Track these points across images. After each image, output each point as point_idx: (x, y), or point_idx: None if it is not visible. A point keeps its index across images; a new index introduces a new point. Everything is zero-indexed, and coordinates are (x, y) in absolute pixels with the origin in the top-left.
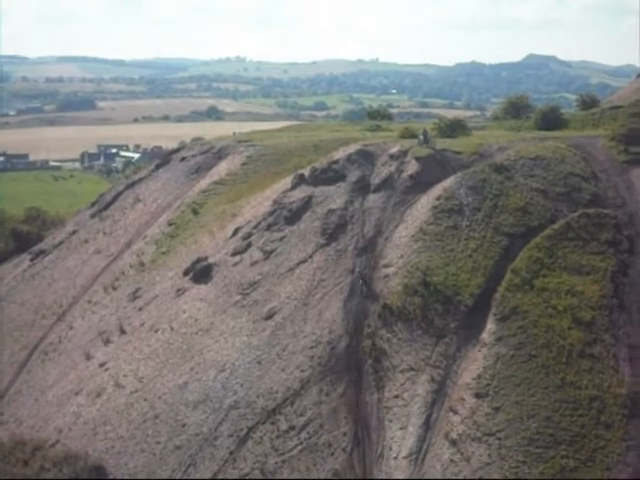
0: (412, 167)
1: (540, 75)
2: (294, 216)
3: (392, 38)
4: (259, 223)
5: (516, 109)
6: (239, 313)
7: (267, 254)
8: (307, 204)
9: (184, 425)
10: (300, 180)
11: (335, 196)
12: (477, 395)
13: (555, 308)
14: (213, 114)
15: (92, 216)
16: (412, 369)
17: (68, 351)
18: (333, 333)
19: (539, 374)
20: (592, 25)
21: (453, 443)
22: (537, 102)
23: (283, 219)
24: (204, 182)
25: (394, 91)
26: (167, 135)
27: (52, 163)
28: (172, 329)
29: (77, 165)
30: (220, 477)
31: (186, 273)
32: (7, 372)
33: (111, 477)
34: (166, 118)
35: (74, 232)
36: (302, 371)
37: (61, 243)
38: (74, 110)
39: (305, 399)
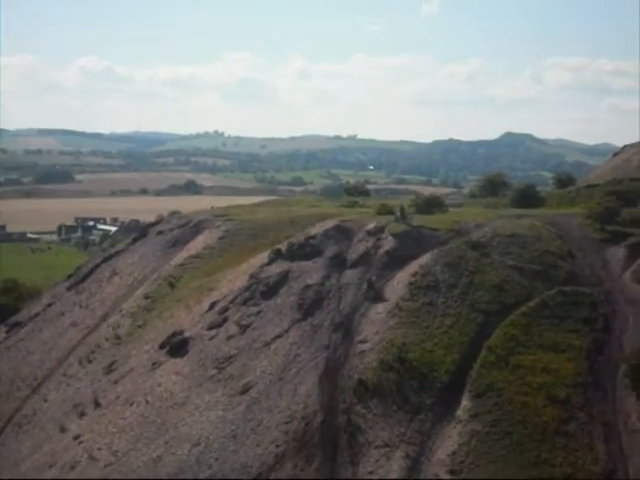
0: (389, 243)
1: (516, 153)
2: (270, 291)
3: (370, 114)
4: (235, 297)
5: (493, 187)
6: (214, 387)
7: (243, 328)
8: (284, 279)
9: None
10: (277, 255)
11: (312, 271)
12: (452, 472)
13: (530, 385)
14: (191, 188)
15: (68, 289)
16: (387, 445)
17: (42, 423)
18: (308, 408)
19: (514, 451)
20: (569, 104)
21: None
22: (514, 180)
23: (259, 294)
24: (181, 256)
25: (371, 167)
26: (145, 209)
27: (29, 235)
28: (147, 402)
29: (54, 237)
30: None
31: (162, 347)
32: None
33: None
34: (144, 192)
35: (50, 304)
36: (277, 446)
37: (37, 315)
38: (52, 183)
39: (280, 474)
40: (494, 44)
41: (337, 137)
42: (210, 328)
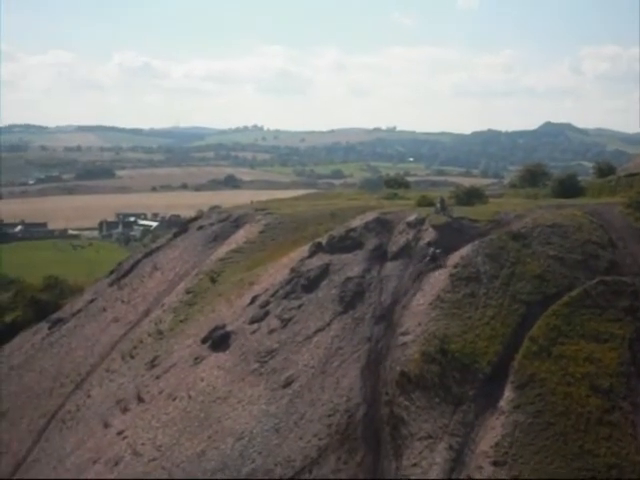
0: (429, 235)
1: (556, 143)
2: (311, 284)
3: (409, 106)
4: (277, 291)
5: (533, 177)
6: (257, 381)
7: (285, 322)
8: (324, 272)
9: None
10: (317, 248)
11: (352, 264)
12: (495, 463)
13: (573, 376)
14: (231, 183)
15: (110, 284)
16: (430, 437)
17: (86, 419)
18: (351, 401)
19: (557, 442)
20: (607, 93)
21: None
22: (554, 170)
23: (300, 287)
24: (222, 250)
25: (411, 159)
26: (185, 204)
27: (70, 232)
28: (190, 397)
29: (95, 234)
30: None
31: (204, 341)
32: (26, 440)
33: None
34: (184, 187)
35: (92, 300)
36: (320, 439)
37: (79, 311)
38: (92, 179)
39: (323, 467)
40: (528, 35)
41: (376, 129)
42: (252, 322)
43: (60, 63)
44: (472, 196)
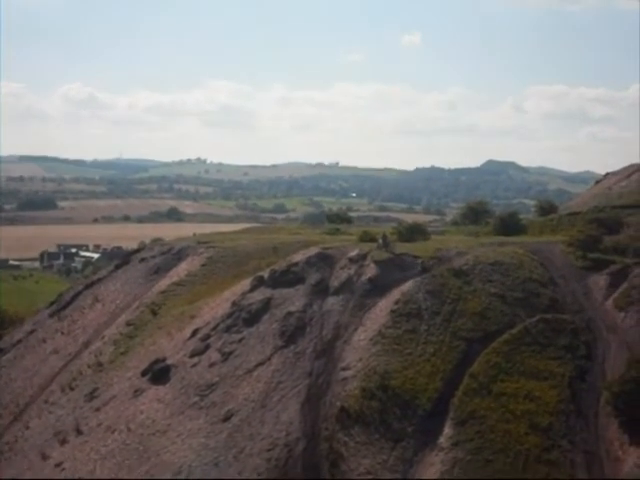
0: (371, 270)
1: (499, 180)
2: (253, 318)
3: (352, 142)
4: (218, 325)
5: (475, 214)
6: (197, 414)
7: (225, 356)
8: (266, 306)
9: None
10: (259, 282)
11: (294, 299)
12: None
13: (513, 413)
14: (173, 215)
15: (51, 315)
16: (369, 472)
17: (24, 451)
18: (290, 435)
19: (496, 479)
20: (550, 132)
21: None
22: (496, 207)
23: (242, 321)
24: (163, 283)
25: (354, 195)
26: (127, 235)
27: (11, 262)
28: (129, 430)
29: (36, 264)
30: None
31: (144, 374)
32: None
33: None
34: (126, 218)
35: (32, 331)
36: (259, 474)
37: (19, 342)
38: (34, 209)
39: None
40: (474, 73)
41: (319, 164)
42: (192, 355)
43: (4, 93)
44: (414, 232)
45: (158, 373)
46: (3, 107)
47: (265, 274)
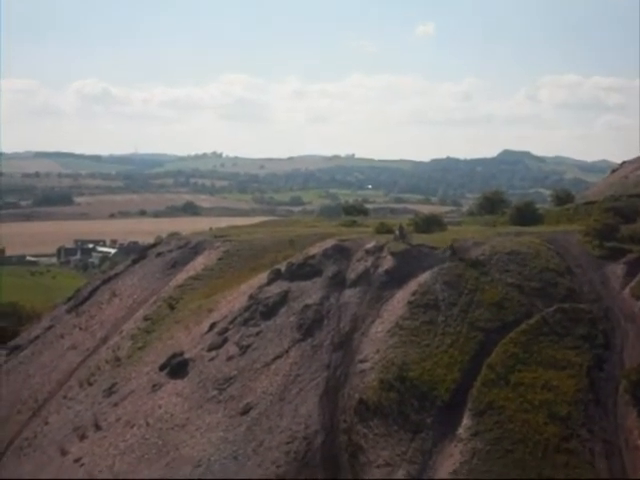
0: (388, 262)
1: (515, 170)
2: (270, 311)
3: (368, 134)
4: (235, 318)
5: (491, 204)
6: (215, 408)
7: (243, 349)
8: (283, 299)
9: None
10: (276, 275)
11: (311, 291)
12: None
13: (531, 403)
14: (190, 209)
15: (68, 311)
16: (388, 464)
17: (43, 447)
18: (309, 428)
19: (515, 469)
20: (566, 121)
21: None
22: (512, 197)
23: (259, 314)
24: (180, 277)
25: (370, 187)
26: (144, 230)
27: (28, 258)
28: (148, 424)
29: (54, 260)
30: None
31: (162, 368)
32: None
33: None
34: (143, 213)
35: (50, 327)
36: (278, 467)
37: (37, 338)
38: (51, 205)
39: None
40: (488, 63)
41: (335, 157)
42: (210, 349)
43: (18, 89)
44: (431, 223)
45: (176, 367)
46: (18, 104)
47: (282, 267)
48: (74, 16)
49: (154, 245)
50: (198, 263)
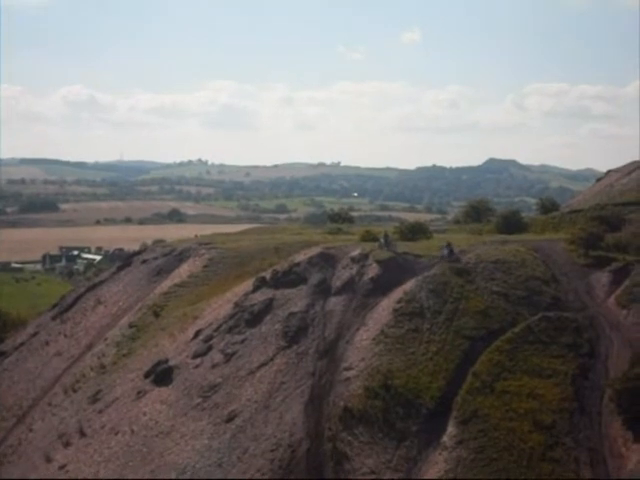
0: (373, 270)
1: (500, 179)
2: (255, 319)
3: (354, 141)
4: (220, 325)
5: (477, 213)
6: (200, 416)
7: (228, 357)
8: (268, 307)
9: None
10: (261, 283)
11: (296, 299)
12: None
13: (516, 411)
14: (175, 217)
15: (53, 318)
16: (373, 472)
17: (28, 453)
18: (294, 436)
19: (500, 477)
20: (552, 130)
21: None
22: (497, 206)
23: (244, 322)
24: (165, 284)
25: (355, 194)
26: (129, 237)
27: (13, 265)
28: (132, 431)
29: (39, 267)
30: None
31: (147, 375)
32: None
33: None
34: (128, 220)
35: (35, 334)
36: (263, 474)
37: (22, 345)
38: (36, 212)
39: None
40: (475, 71)
41: (320, 164)
42: (195, 356)
43: (3, 96)
44: (416, 231)
45: (161, 375)
46: (3, 110)
47: (267, 275)
48: (60, 22)
49: (139, 252)
50: (183, 270)
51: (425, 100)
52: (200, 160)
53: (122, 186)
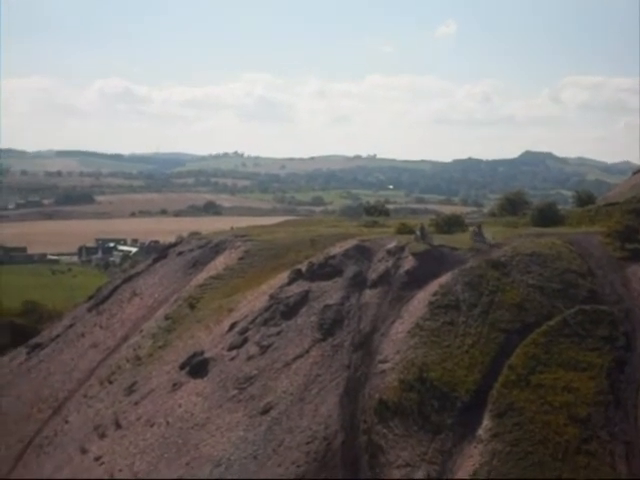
0: (409, 263)
1: (536, 171)
2: (291, 311)
3: (389, 134)
4: (256, 318)
5: (513, 205)
6: (235, 408)
7: (263, 349)
8: (304, 299)
9: None
10: (297, 275)
11: (332, 291)
12: None
13: (551, 404)
14: (211, 209)
15: (89, 310)
16: (408, 465)
17: (63, 445)
18: (329, 428)
19: (535, 471)
20: (588, 123)
21: None
22: (533, 198)
23: (280, 314)
24: (201, 276)
25: (391, 187)
26: (165, 230)
27: (50, 257)
28: (168, 423)
29: (75, 259)
30: None
31: (182, 367)
32: (3, 465)
33: None
34: (164, 212)
35: (71, 326)
36: (298, 466)
37: (58, 337)
38: (72, 204)
39: None
40: (509, 64)
41: (356, 157)
42: (230, 349)
43: (40, 88)
44: (452, 224)
45: (196, 367)
46: (40, 102)
47: (303, 267)
48: (96, 14)
49: (175, 244)
50: (219, 262)
51: (459, 93)
52: (236, 152)
53: (158, 178)
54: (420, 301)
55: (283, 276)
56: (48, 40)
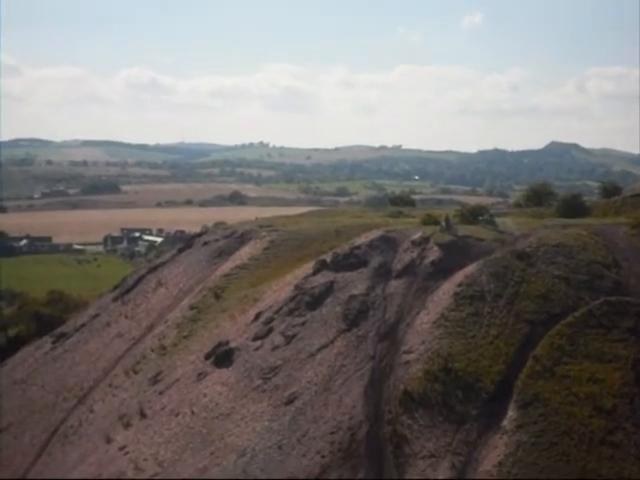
0: (434, 253)
1: (562, 162)
2: (315, 301)
3: (414, 124)
4: (281, 308)
5: (538, 196)
6: (260, 398)
7: (288, 339)
8: (329, 289)
9: None
10: (322, 265)
11: (357, 282)
12: None
13: (576, 395)
14: (236, 199)
15: (114, 299)
16: (433, 455)
17: (88, 434)
18: (354, 419)
19: (560, 462)
20: (614, 113)
21: None
22: (559, 189)
23: (304, 304)
24: (226, 266)
25: (416, 177)
26: (190, 219)
27: (75, 246)
28: (193, 413)
29: (100, 248)
30: None
31: (207, 357)
32: (28, 454)
33: None
34: (189, 202)
35: (96, 315)
36: (323, 457)
37: (83, 326)
38: (98, 194)
39: None
40: (535, 55)
41: (382, 147)
42: (255, 339)
43: (66, 78)
44: (477, 215)
45: (221, 356)
46: (66, 92)
47: (328, 257)
48: (122, 4)
49: (200, 234)
50: (244, 252)
51: (485, 83)
52: (261, 143)
53: (183, 168)
54: (445, 292)
55: (308, 266)
56: (74, 29)
